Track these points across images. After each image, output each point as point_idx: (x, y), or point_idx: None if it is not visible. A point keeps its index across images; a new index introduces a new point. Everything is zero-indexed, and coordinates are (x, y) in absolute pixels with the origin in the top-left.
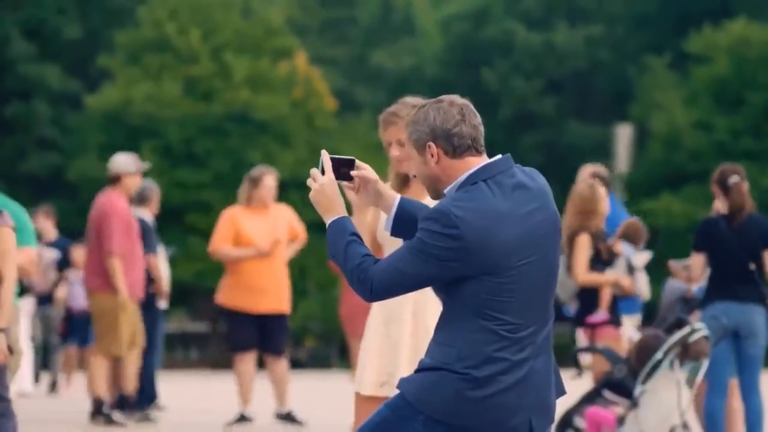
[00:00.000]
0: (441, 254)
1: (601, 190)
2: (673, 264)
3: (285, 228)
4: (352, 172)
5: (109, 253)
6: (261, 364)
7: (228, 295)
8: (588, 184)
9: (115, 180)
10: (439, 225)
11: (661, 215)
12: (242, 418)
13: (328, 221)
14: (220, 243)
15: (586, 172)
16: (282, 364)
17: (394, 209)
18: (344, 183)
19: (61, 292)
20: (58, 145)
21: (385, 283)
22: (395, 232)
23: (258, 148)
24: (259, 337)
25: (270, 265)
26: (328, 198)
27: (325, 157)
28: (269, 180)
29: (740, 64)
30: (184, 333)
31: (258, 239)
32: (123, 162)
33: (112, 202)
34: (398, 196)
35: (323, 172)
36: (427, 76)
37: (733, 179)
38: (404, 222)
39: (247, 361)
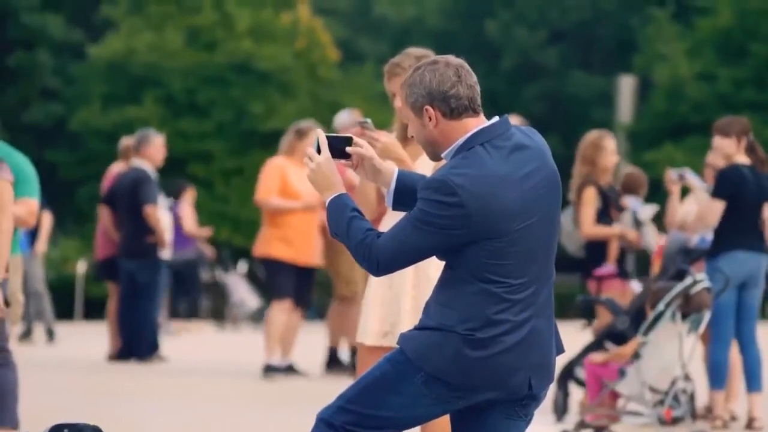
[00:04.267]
0: (442, 223)
1: (609, 143)
2: (671, 172)
3: None
4: (348, 149)
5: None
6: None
7: (274, 246)
8: (597, 135)
9: None
10: (439, 194)
11: (663, 166)
12: (290, 369)
13: (327, 199)
14: (268, 193)
15: None
16: (299, 316)
17: (393, 183)
18: (342, 161)
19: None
20: (60, 95)
21: (390, 256)
22: (396, 205)
23: (260, 99)
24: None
25: (313, 219)
26: (326, 176)
27: (321, 136)
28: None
29: (743, 15)
30: None
31: (303, 191)
32: (342, 118)
33: None
34: (396, 170)
35: (320, 152)
36: (430, 27)
37: (751, 135)
38: (404, 195)
39: (289, 310)
